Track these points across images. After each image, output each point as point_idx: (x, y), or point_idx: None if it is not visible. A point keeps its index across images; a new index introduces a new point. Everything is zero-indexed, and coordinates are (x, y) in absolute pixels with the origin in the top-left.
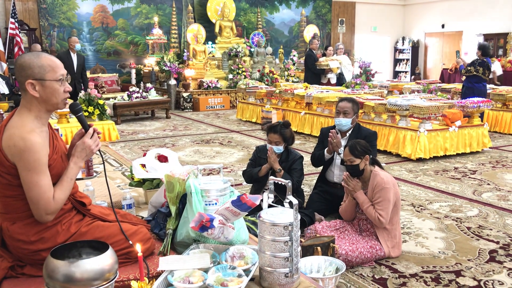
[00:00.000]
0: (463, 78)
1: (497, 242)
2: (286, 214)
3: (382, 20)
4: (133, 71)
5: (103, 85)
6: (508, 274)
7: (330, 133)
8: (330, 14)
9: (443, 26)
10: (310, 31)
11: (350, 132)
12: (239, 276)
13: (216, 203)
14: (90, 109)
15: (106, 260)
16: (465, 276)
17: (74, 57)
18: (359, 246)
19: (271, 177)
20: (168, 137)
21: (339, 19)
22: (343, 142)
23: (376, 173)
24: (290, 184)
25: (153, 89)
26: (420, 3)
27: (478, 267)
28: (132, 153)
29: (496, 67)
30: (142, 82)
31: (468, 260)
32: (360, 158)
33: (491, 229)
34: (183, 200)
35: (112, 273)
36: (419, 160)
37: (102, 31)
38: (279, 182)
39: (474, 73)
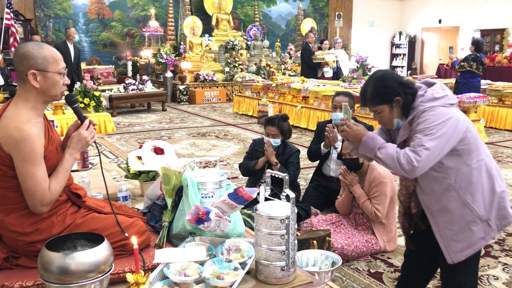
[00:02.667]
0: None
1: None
2: (283, 208)
3: (379, 14)
4: (129, 63)
5: (99, 77)
6: (503, 269)
7: (326, 128)
8: (328, 8)
9: (440, 21)
10: (307, 24)
11: None
12: (235, 269)
13: (212, 196)
14: (86, 100)
15: (101, 252)
16: None
17: (72, 48)
18: (355, 240)
19: (268, 170)
20: (164, 129)
21: (337, 13)
22: (340, 137)
23: (373, 167)
24: (287, 177)
25: (149, 81)
26: None
27: None
28: (128, 145)
29: None
30: (138, 74)
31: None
32: None
33: None
34: (179, 192)
35: (108, 265)
36: None
37: (98, 23)
38: (276, 176)
39: (468, 68)
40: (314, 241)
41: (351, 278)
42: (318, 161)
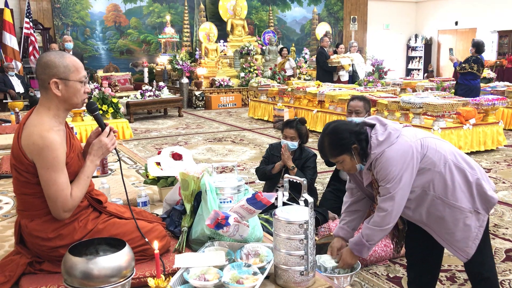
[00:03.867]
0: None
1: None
2: (301, 212)
3: (394, 17)
4: (146, 70)
5: (116, 83)
6: None
7: None
8: (342, 12)
9: (456, 23)
10: (322, 29)
11: None
12: (254, 274)
13: (230, 201)
14: (104, 107)
15: (123, 257)
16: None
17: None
18: None
19: (286, 175)
20: (181, 135)
21: (351, 16)
22: None
23: None
24: (305, 182)
25: (166, 87)
26: (433, 0)
27: None
28: (146, 151)
29: None
30: (154, 81)
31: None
32: None
33: (507, 228)
34: (197, 198)
35: (129, 270)
36: None
37: (114, 30)
38: (294, 180)
39: (469, 70)
40: None
41: (370, 283)
42: (334, 166)
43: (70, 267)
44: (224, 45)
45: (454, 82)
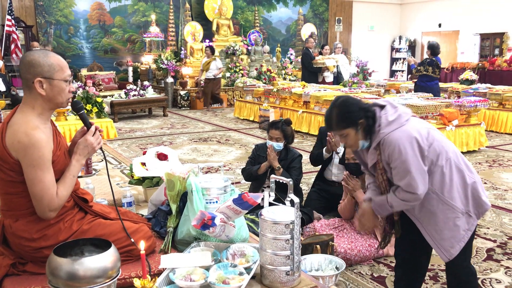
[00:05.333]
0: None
1: (494, 241)
2: (287, 212)
3: (379, 19)
4: (130, 69)
5: (100, 82)
6: (506, 273)
7: (328, 133)
8: (327, 13)
9: (440, 25)
10: (307, 29)
11: None
12: (241, 274)
13: (217, 201)
14: (88, 106)
15: (108, 257)
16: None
17: None
18: (358, 245)
19: (273, 175)
20: (166, 135)
21: (336, 17)
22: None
23: None
24: (291, 182)
25: (150, 87)
26: (417, 2)
27: (476, 266)
28: (130, 151)
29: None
30: (139, 80)
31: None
32: None
33: (488, 228)
34: (183, 198)
35: (115, 270)
36: None
37: (99, 29)
38: (280, 181)
39: (424, 72)
40: (318, 246)
41: (354, 283)
42: (320, 166)
43: (55, 268)
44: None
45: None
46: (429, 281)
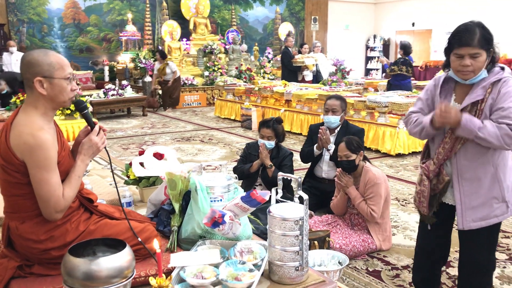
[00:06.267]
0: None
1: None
2: (296, 209)
3: (354, 18)
4: (106, 68)
5: (78, 82)
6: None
7: (320, 130)
8: (304, 12)
9: (413, 24)
10: (284, 28)
11: (338, 129)
12: (251, 270)
13: (221, 200)
14: (72, 107)
15: (125, 257)
16: (454, 267)
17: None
18: (352, 240)
19: (280, 173)
20: (147, 134)
21: (312, 16)
22: (332, 139)
23: (367, 169)
24: (300, 179)
25: (129, 86)
26: (391, 2)
27: None
28: (113, 151)
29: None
30: (117, 80)
31: (456, 251)
32: (356, 153)
33: None
34: (186, 197)
35: (130, 270)
36: (399, 155)
37: (74, 28)
38: (269, 178)
39: (398, 72)
40: (315, 242)
41: (351, 277)
42: (310, 163)
43: (72, 269)
44: (187, 44)
45: (415, 82)
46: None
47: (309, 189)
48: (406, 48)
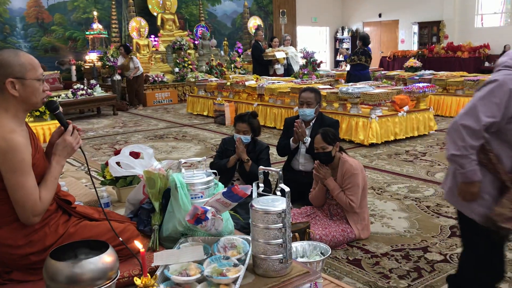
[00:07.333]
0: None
1: (456, 218)
2: (278, 202)
3: (321, 10)
4: (73, 68)
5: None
6: None
7: (295, 123)
8: (272, 6)
9: (380, 15)
10: (253, 22)
11: (313, 121)
12: (235, 265)
13: (201, 196)
14: (42, 108)
15: (108, 258)
16: (432, 252)
17: None
18: (332, 230)
19: (261, 166)
20: (119, 134)
21: (280, 10)
22: (308, 132)
23: (344, 159)
24: (280, 172)
25: (98, 85)
26: None
27: (442, 243)
28: (85, 151)
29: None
30: (85, 79)
31: (432, 236)
32: (332, 145)
33: (448, 207)
34: (165, 195)
35: (114, 271)
36: (372, 145)
37: (37, 27)
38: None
39: (358, 62)
40: (296, 234)
41: (332, 267)
42: (286, 156)
43: (54, 273)
44: (155, 40)
45: (385, 72)
46: (402, 260)
47: (286, 182)
48: (365, 39)
